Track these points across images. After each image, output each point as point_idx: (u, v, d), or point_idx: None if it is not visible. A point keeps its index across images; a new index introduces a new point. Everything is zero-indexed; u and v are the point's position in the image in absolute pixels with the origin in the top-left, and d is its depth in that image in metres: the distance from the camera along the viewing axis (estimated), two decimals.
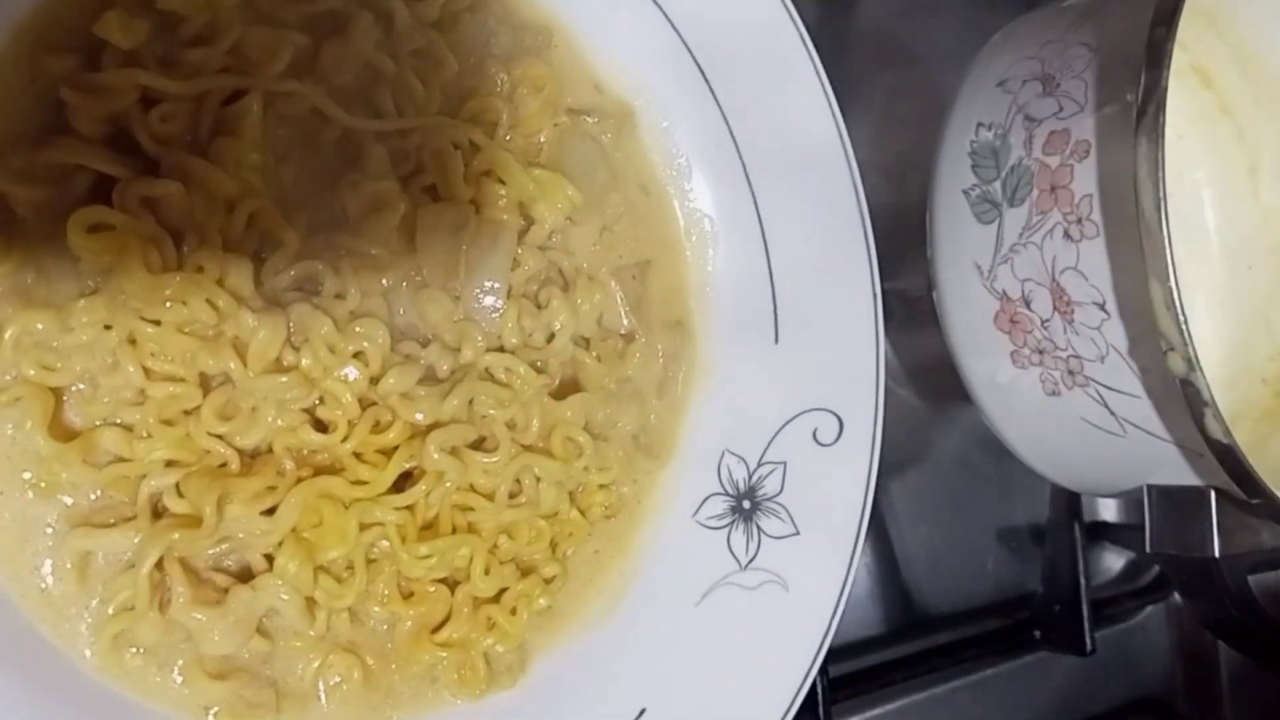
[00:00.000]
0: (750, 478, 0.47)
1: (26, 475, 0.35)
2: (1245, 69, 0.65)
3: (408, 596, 0.40)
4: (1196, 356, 0.44)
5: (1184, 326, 0.43)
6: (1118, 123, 0.47)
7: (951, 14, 0.69)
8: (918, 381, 0.66)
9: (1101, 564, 0.74)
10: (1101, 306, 0.48)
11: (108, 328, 0.35)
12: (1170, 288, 0.44)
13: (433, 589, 0.40)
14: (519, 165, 0.43)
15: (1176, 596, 0.75)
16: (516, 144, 0.44)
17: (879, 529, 0.64)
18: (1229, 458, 0.45)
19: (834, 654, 0.59)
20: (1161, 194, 0.44)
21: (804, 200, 0.48)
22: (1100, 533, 0.73)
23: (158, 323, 0.35)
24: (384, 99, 0.41)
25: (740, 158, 0.48)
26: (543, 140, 0.45)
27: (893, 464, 0.65)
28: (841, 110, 0.48)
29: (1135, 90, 0.46)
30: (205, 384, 0.37)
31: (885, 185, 0.65)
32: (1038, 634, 0.67)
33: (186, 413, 0.36)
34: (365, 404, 0.39)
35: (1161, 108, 0.45)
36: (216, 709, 0.37)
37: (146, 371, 0.36)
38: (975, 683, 0.65)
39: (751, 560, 0.45)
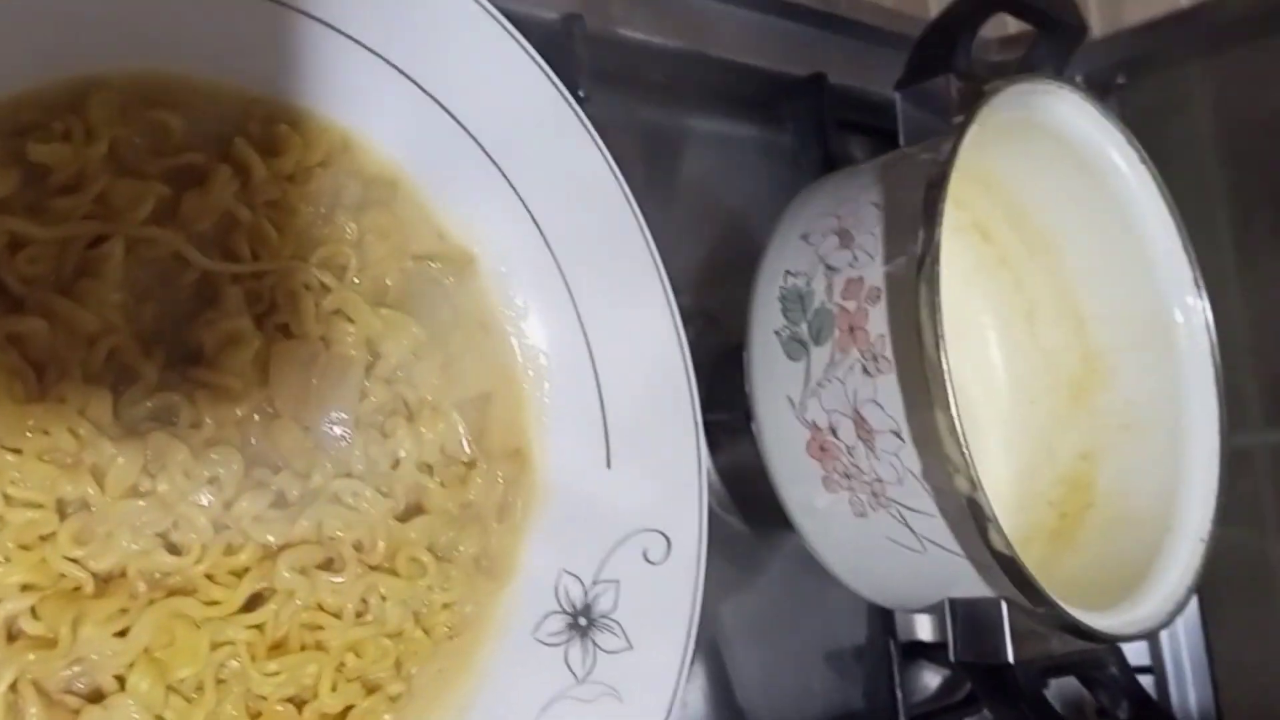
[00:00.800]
0: (586, 596, 0.49)
1: None
2: (1016, 224, 0.73)
3: (255, 717, 0.41)
4: (978, 477, 0.49)
5: (965, 451, 0.48)
6: (903, 271, 0.52)
7: (764, 174, 0.76)
8: (745, 509, 0.70)
9: (919, 681, 0.79)
10: (897, 434, 0.53)
11: None
12: (952, 416, 0.49)
13: (280, 709, 0.41)
14: (367, 305, 0.46)
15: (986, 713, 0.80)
16: (364, 286, 0.47)
17: (711, 651, 0.67)
18: (1012, 569, 0.50)
19: None
20: (940, 334, 0.49)
21: (632, 341, 0.52)
22: (916, 651, 0.77)
23: (18, 451, 0.37)
24: (240, 244, 0.44)
25: (573, 302, 0.52)
26: (389, 283, 0.49)
27: (723, 588, 0.68)
28: (667, 262, 0.53)
29: (915, 244, 0.52)
30: (62, 510, 0.38)
31: (709, 328, 0.71)
32: None
33: (43, 538, 0.37)
34: (219, 528, 0.40)
35: (936, 259, 0.51)
36: None
37: (5, 498, 0.37)
38: None
39: (588, 674, 0.48)
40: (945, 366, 0.49)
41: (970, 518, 0.49)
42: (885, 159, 0.63)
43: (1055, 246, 0.71)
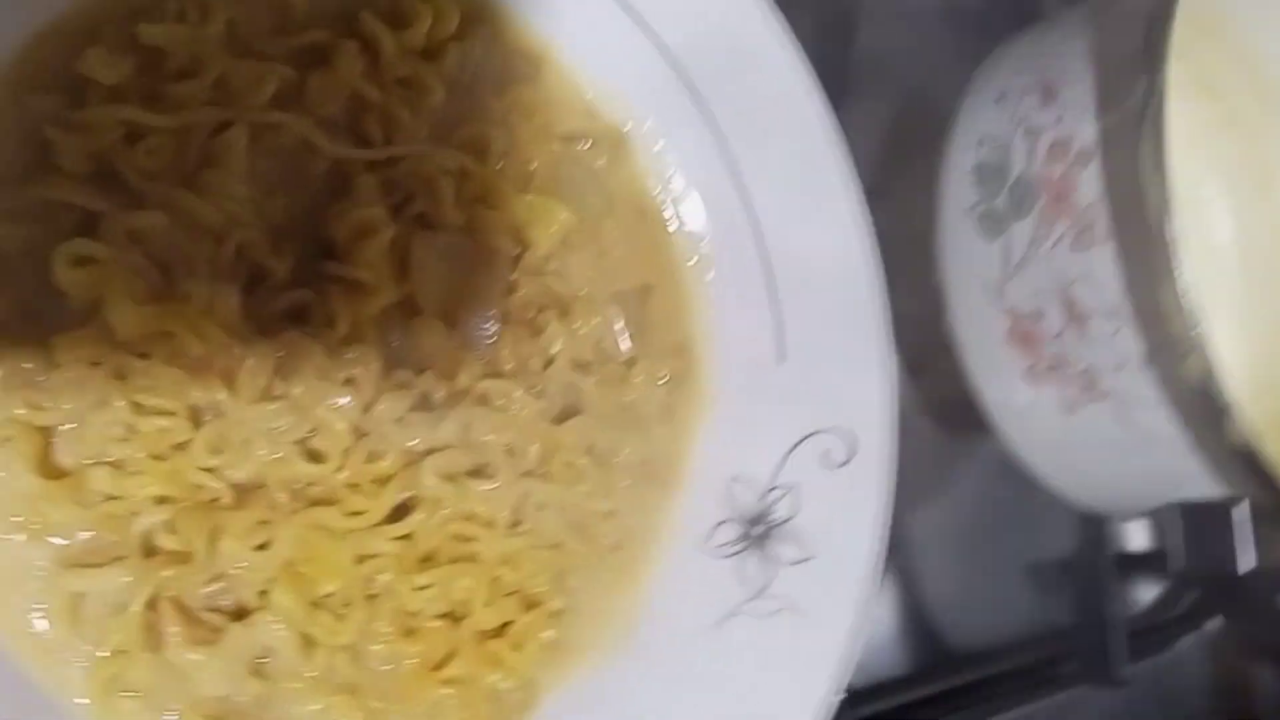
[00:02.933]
0: (761, 502, 0.45)
1: (17, 518, 0.35)
2: (1249, 76, 0.65)
3: (409, 634, 0.39)
4: (1213, 360, 0.43)
5: (1198, 330, 0.42)
6: (1119, 127, 0.46)
7: (947, 39, 0.69)
8: (937, 413, 0.65)
9: (1133, 596, 0.73)
10: (1115, 315, 0.48)
11: (95, 364, 0.35)
12: (1181, 290, 0.43)
13: (435, 625, 0.39)
14: (511, 191, 0.43)
15: (1214, 625, 0.73)
16: (509, 171, 0.43)
17: (902, 567, 0.63)
18: (1253, 465, 0.44)
19: (860, 696, 0.58)
20: (1166, 195, 0.43)
21: (805, 221, 0.47)
22: (1131, 563, 0.71)
23: (146, 356, 0.35)
24: (371, 128, 0.40)
25: (740, 182, 0.47)
26: (535, 168, 0.45)
27: (913, 499, 0.63)
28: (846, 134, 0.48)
29: (1135, 93, 0.46)
30: (195, 417, 0.36)
31: (891, 212, 0.65)
32: (1069, 668, 0.65)
33: (177, 447, 0.35)
34: (359, 434, 0.38)
35: (1162, 107, 0.45)
36: None
37: (135, 406, 0.35)
38: None
39: (765, 587, 0.44)
40: (1172, 233, 0.43)
41: (1203, 407, 0.44)
42: (1092, 2, 0.55)
43: None
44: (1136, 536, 0.71)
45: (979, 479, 0.67)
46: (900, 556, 0.62)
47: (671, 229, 0.47)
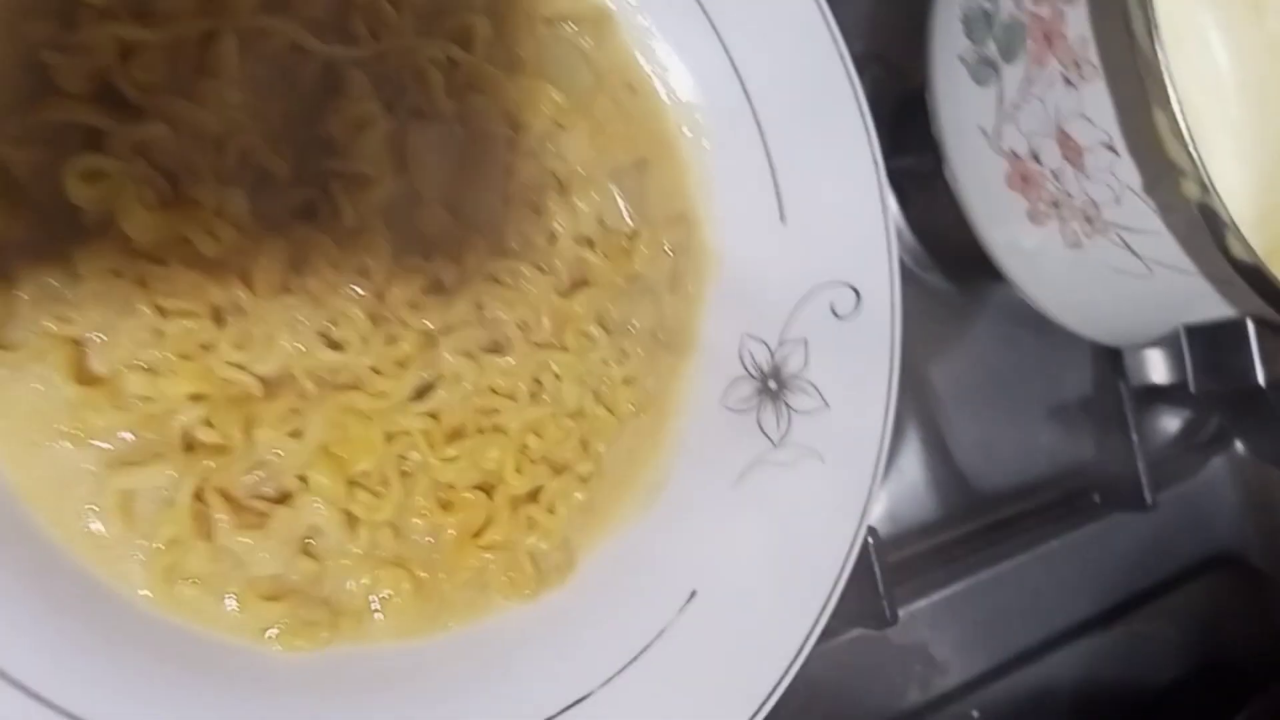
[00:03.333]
0: (773, 358, 0.47)
1: (60, 426, 0.36)
2: None
3: (446, 506, 0.41)
4: (1211, 180, 0.43)
5: (1193, 151, 0.42)
6: None
7: None
8: (944, 264, 0.66)
9: (1158, 425, 0.73)
10: (1110, 147, 0.48)
11: (117, 274, 0.36)
12: (1174, 113, 0.43)
13: (470, 496, 0.41)
14: (501, 75, 0.43)
15: (1239, 448, 0.74)
16: (497, 57, 0.44)
17: (924, 416, 0.64)
18: (1258, 279, 0.45)
19: (893, 542, 0.59)
20: (1153, 20, 0.43)
21: (794, 81, 0.48)
22: (1152, 395, 0.72)
23: (163, 262, 0.36)
24: (358, 26, 0.41)
25: (724, 47, 0.48)
26: (522, 53, 0.45)
27: (930, 351, 0.64)
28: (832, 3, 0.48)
29: None
30: (218, 316, 0.37)
31: (886, 75, 0.65)
32: (1097, 497, 0.66)
33: (204, 347, 0.37)
34: (376, 320, 0.39)
35: None
36: (274, 630, 0.38)
37: (160, 310, 0.36)
38: (1042, 555, 0.65)
39: (784, 436, 0.46)
40: (1161, 58, 0.43)
41: (1204, 228, 0.44)
42: None
43: None
44: (1156, 369, 0.71)
45: (994, 326, 0.67)
46: (922, 407, 0.63)
47: (663, 100, 0.48)
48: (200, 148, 0.37)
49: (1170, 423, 0.74)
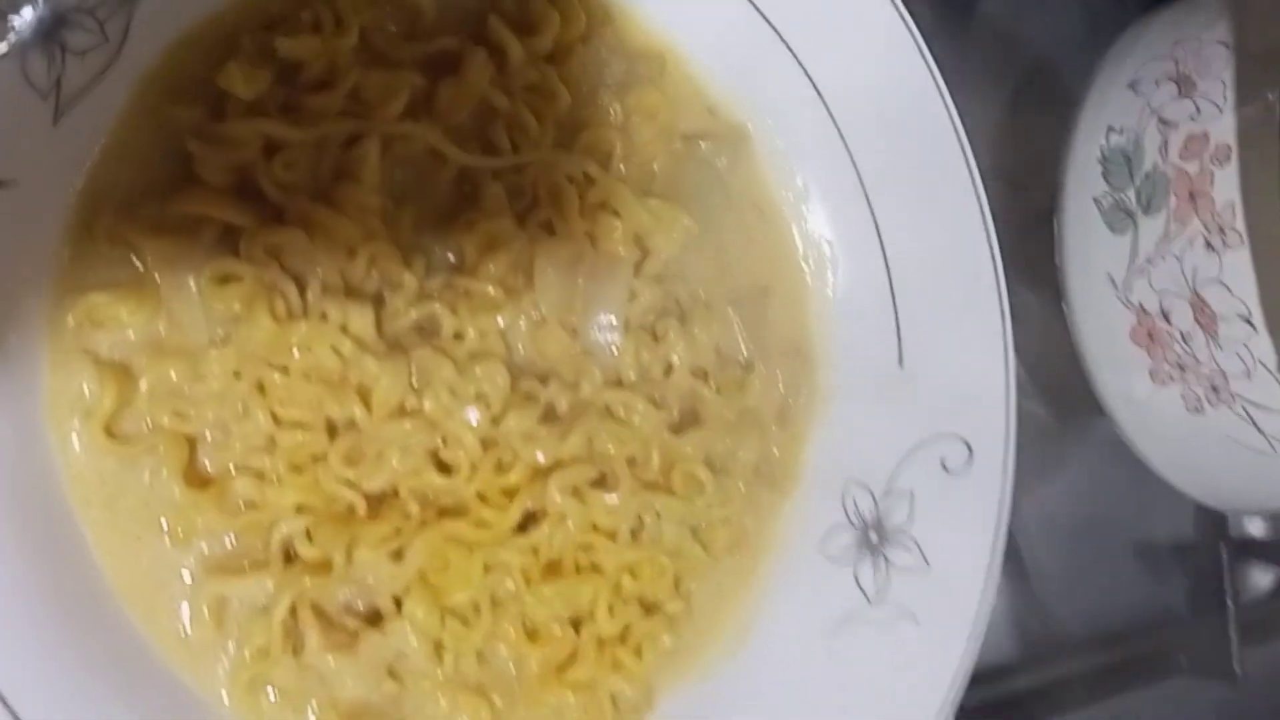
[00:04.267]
0: (877, 508, 0.45)
1: (164, 522, 0.36)
2: None
3: (533, 636, 0.40)
4: None
5: None
6: (1260, 124, 0.44)
7: (1075, 11, 0.66)
8: (1047, 393, 0.64)
9: (1249, 581, 0.71)
10: (1247, 320, 0.46)
11: (237, 376, 0.36)
12: None
13: (558, 630, 0.40)
14: (634, 196, 0.42)
15: None
16: (631, 174, 0.43)
17: (1011, 548, 0.61)
18: None
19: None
20: None
21: (927, 218, 0.46)
22: (1248, 549, 0.69)
23: (285, 370, 0.36)
24: (499, 135, 0.41)
25: (859, 177, 0.46)
26: (656, 169, 0.45)
27: (1023, 479, 0.62)
28: (962, 114, 0.47)
29: (1276, 87, 0.44)
30: (331, 429, 0.37)
31: (1009, 192, 0.63)
32: (1183, 659, 0.64)
33: (314, 458, 0.36)
34: (487, 445, 0.38)
35: None
36: None
37: (275, 418, 0.36)
38: (1116, 713, 0.62)
39: (881, 594, 0.44)
40: None
41: None
42: None
43: None
44: (1258, 522, 0.69)
45: (1092, 461, 0.65)
46: (1010, 539, 0.61)
47: (792, 228, 0.47)
48: (333, 254, 0.36)
49: (1263, 579, 0.71)
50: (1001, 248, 0.49)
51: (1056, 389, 0.63)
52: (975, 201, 0.46)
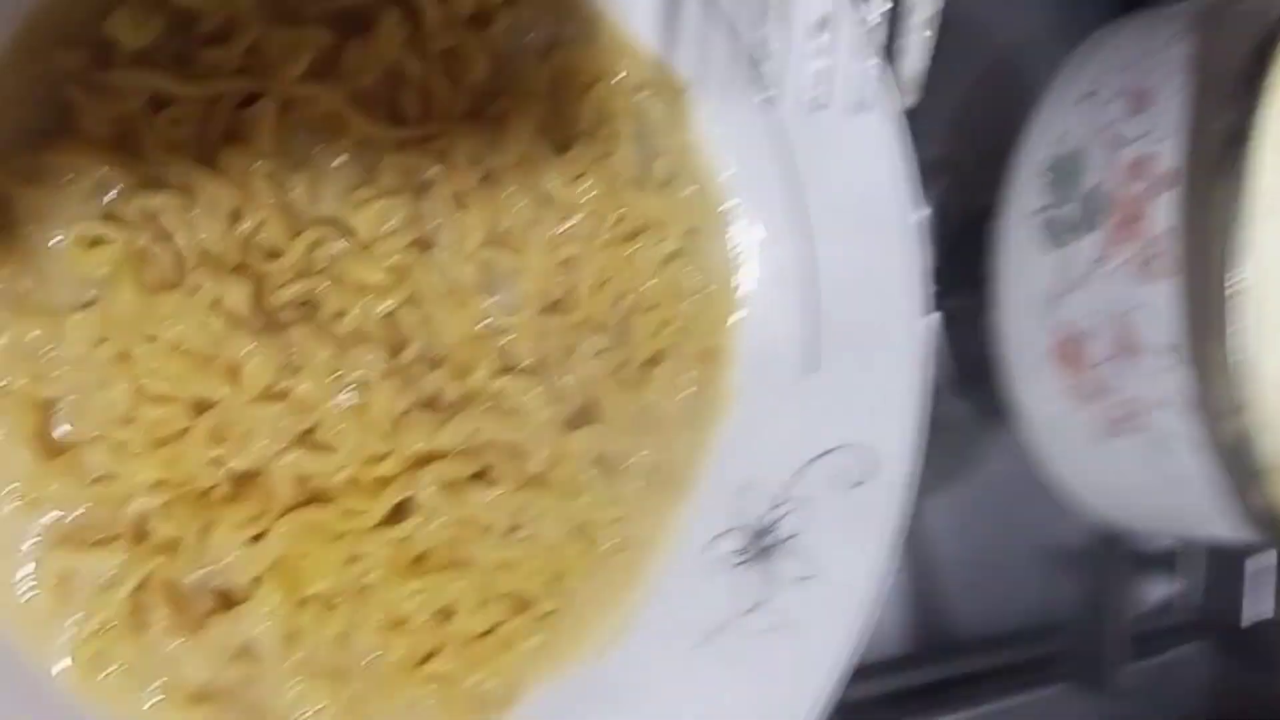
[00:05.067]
0: (769, 515, 0.44)
1: (12, 487, 0.34)
2: None
3: (395, 627, 0.39)
4: (1255, 423, 0.41)
5: (1244, 390, 0.41)
6: (1209, 154, 0.43)
7: (1048, 6, 0.64)
8: (965, 394, 0.63)
9: (1141, 594, 0.72)
10: (1169, 351, 0.46)
11: (101, 343, 0.34)
12: (1232, 348, 0.41)
13: (422, 621, 0.39)
14: (548, 158, 0.41)
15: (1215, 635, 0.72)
16: (548, 136, 0.41)
17: (912, 543, 0.62)
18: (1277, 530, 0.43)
19: (855, 674, 0.58)
20: (1235, 243, 0.41)
21: (855, 223, 0.45)
22: (1143, 562, 0.70)
23: (153, 339, 0.34)
24: (408, 102, 0.38)
25: (794, 174, 0.45)
26: (579, 129, 0.42)
27: (932, 480, 0.62)
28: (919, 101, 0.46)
29: (1227, 120, 0.42)
30: (197, 407, 0.35)
31: (954, 187, 0.62)
32: (1067, 667, 0.64)
33: (176, 434, 0.35)
34: (363, 431, 0.37)
35: (1246, 142, 0.42)
36: None
37: (138, 391, 0.34)
38: (997, 713, 0.63)
39: (763, 602, 0.44)
40: (1235, 284, 0.41)
41: (1240, 465, 0.43)
42: (1207, 2, 0.51)
43: None
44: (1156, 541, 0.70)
45: (1001, 466, 0.65)
46: (912, 538, 0.61)
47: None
48: (213, 222, 0.34)
49: (1161, 590, 0.72)
50: (938, 243, 0.48)
51: (974, 387, 0.63)
52: (909, 213, 0.44)
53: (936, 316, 0.47)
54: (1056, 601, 0.66)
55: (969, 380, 0.63)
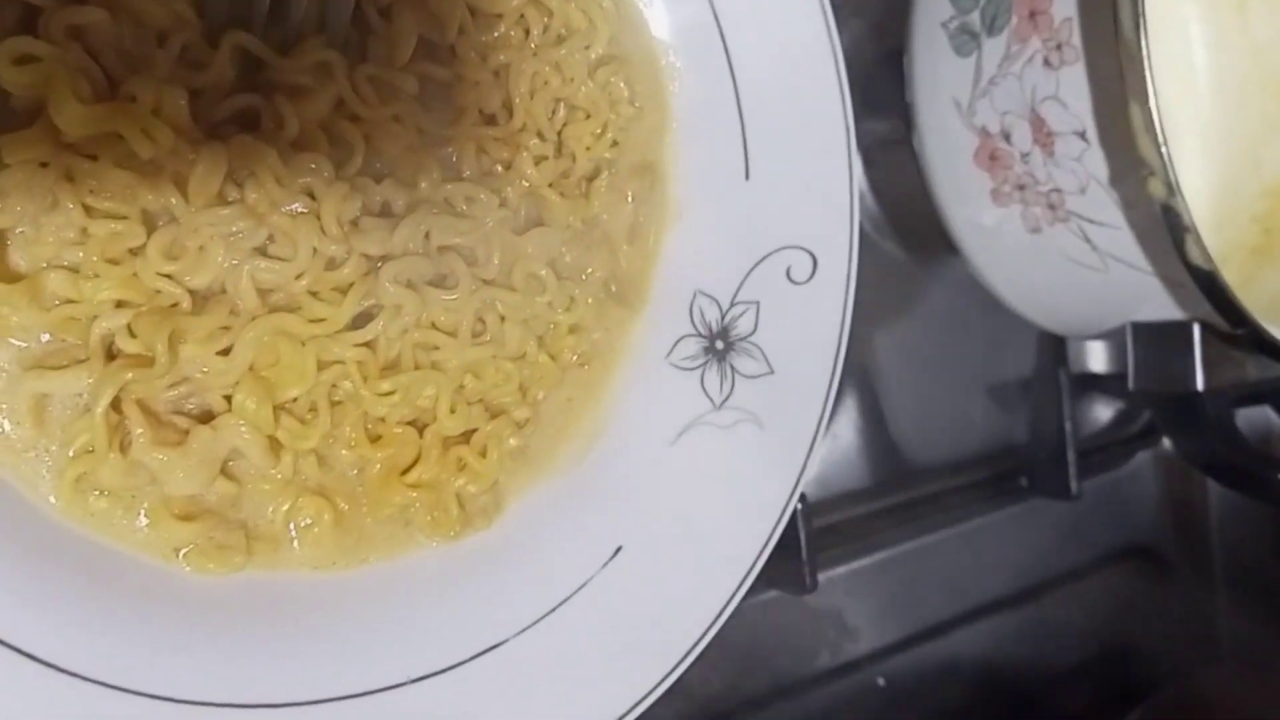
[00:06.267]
0: (723, 318, 0.46)
1: None
2: None
3: (375, 440, 0.39)
4: (1178, 181, 0.43)
5: (1164, 150, 0.42)
6: None
7: None
8: (903, 234, 0.65)
9: (1090, 414, 0.74)
10: (1082, 135, 0.48)
11: (44, 165, 0.34)
12: (1150, 109, 0.43)
13: (400, 431, 0.39)
14: None
15: (1165, 444, 0.75)
16: None
17: (864, 382, 0.64)
18: (1211, 285, 0.45)
19: (820, 506, 0.59)
20: (1141, 13, 0.43)
21: (774, 36, 0.46)
22: (1089, 383, 0.72)
23: (94, 158, 0.34)
24: None
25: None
26: None
27: (878, 317, 0.64)
28: None
29: None
30: (149, 221, 0.35)
31: (866, 31, 0.63)
32: (1024, 481, 0.67)
33: (133, 252, 0.35)
34: (317, 237, 0.37)
35: None
36: (186, 550, 0.37)
37: (87, 209, 0.34)
38: (963, 532, 0.65)
39: (726, 399, 0.45)
40: (1145, 51, 0.43)
41: (1164, 228, 0.44)
42: None
43: None
44: (1096, 358, 0.72)
45: (944, 299, 0.67)
46: (864, 374, 0.63)
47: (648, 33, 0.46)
48: (141, 39, 0.34)
49: (1104, 412, 0.75)
50: (856, 85, 0.49)
51: (910, 227, 0.65)
52: (821, 15, 0.45)
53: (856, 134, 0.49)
54: (1006, 426, 0.68)
55: (904, 219, 0.65)
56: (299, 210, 0.36)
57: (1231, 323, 0.46)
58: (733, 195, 0.46)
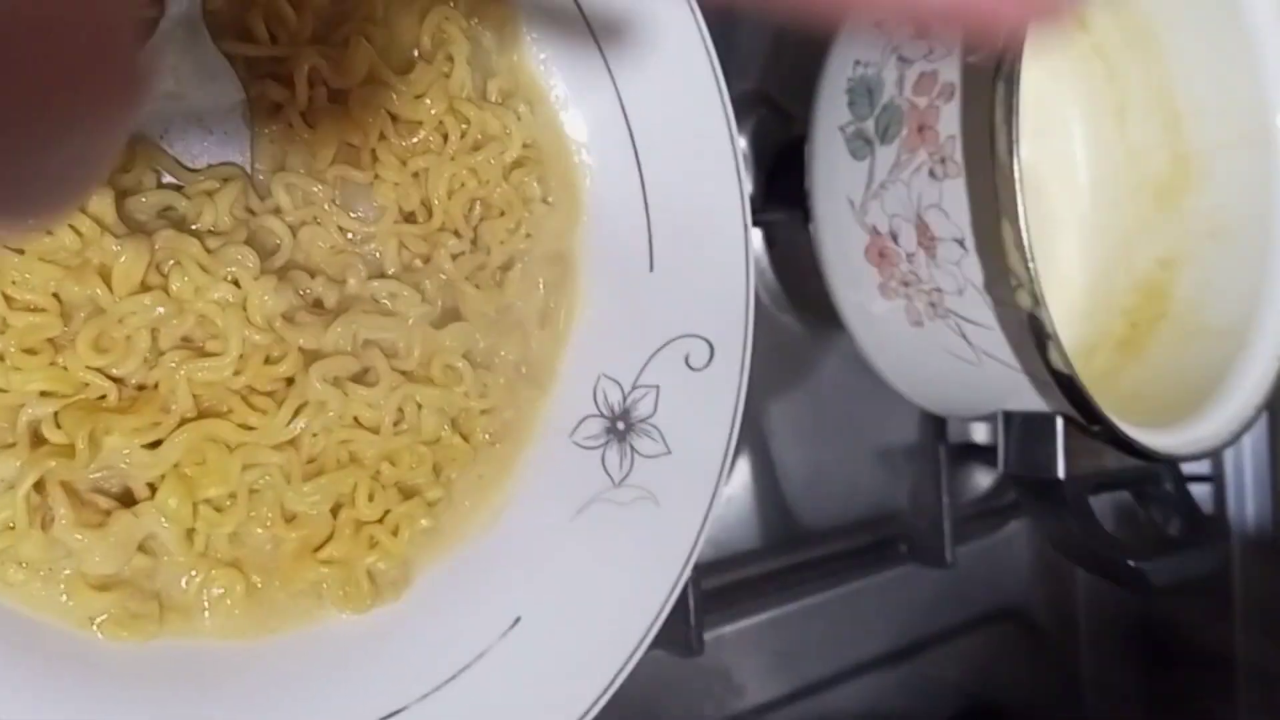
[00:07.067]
0: (625, 400, 0.48)
1: None
2: (1115, 11, 0.68)
3: (290, 519, 0.41)
4: (1042, 293, 0.47)
5: (1031, 265, 0.46)
6: (980, 68, 0.49)
7: None
8: (799, 309, 0.69)
9: (968, 481, 0.78)
10: (961, 243, 0.51)
11: None
12: (1020, 228, 0.47)
13: (315, 513, 0.41)
14: (391, 78, 0.43)
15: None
16: (391, 62, 0.44)
17: (758, 449, 0.67)
18: (1069, 387, 0.49)
19: (710, 568, 0.62)
20: (1014, 139, 0.46)
21: (677, 134, 0.49)
22: (968, 453, 0.77)
23: (21, 251, 0.35)
24: (256, 24, 0.40)
25: (617, 95, 0.49)
26: (417, 53, 0.45)
27: (773, 387, 0.67)
28: (731, 41, 0.49)
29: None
30: (67, 313, 0.37)
31: (773, 117, 0.67)
32: (904, 548, 0.70)
33: (57, 344, 0.36)
34: (247, 329, 0.39)
35: (1018, 56, 0.47)
36: (101, 619, 0.38)
37: (5, 300, 0.35)
38: (845, 594, 0.69)
39: (625, 478, 0.47)
40: (1017, 175, 0.46)
41: (1030, 333, 0.48)
42: None
43: (1155, 37, 0.65)
44: (977, 428, 0.76)
45: (836, 371, 0.71)
46: (758, 440, 0.66)
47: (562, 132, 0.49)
48: None
49: (982, 479, 0.79)
50: (761, 169, 0.52)
51: (805, 302, 0.68)
52: (724, 119, 0.48)
53: (756, 227, 0.51)
54: (892, 494, 0.72)
55: (799, 294, 0.68)
56: (228, 300, 0.38)
57: (1087, 419, 0.50)
58: (637, 285, 0.49)
